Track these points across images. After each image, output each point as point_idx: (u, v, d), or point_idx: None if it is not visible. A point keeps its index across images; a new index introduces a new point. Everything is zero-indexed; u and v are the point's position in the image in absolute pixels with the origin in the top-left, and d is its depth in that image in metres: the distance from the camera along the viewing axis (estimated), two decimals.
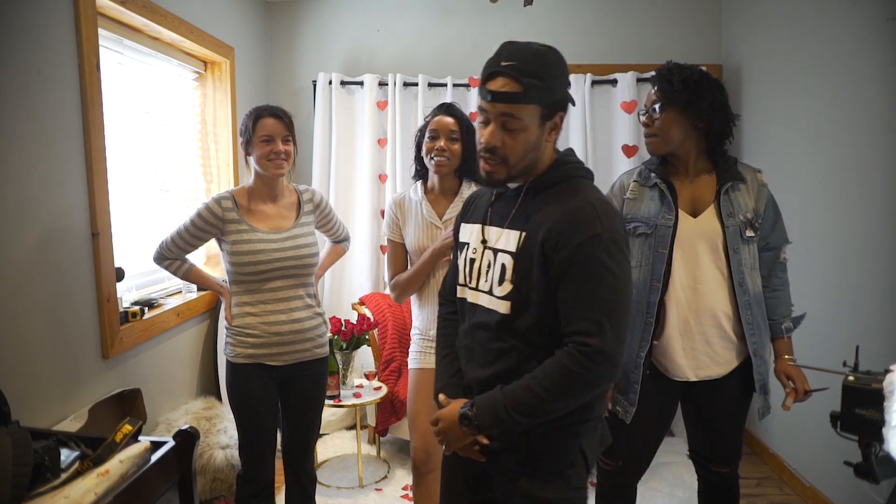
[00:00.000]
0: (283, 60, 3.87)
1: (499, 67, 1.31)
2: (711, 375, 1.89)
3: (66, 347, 1.95)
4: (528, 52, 1.32)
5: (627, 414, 1.93)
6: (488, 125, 1.35)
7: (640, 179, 1.96)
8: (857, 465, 1.34)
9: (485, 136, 1.36)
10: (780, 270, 1.96)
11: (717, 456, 2.00)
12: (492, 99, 1.33)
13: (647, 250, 1.89)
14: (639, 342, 1.90)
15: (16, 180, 1.75)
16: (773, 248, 1.95)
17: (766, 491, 3.03)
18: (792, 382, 1.90)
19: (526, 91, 1.30)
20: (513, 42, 1.35)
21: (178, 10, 2.68)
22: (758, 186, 1.90)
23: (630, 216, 1.93)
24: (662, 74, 1.87)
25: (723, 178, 1.88)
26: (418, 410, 2.15)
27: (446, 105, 2.20)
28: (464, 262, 1.50)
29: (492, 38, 4.07)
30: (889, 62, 2.34)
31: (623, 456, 1.99)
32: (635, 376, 1.91)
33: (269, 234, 2.11)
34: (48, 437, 1.40)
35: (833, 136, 2.69)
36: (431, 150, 2.13)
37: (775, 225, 1.94)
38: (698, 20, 3.78)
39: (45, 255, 1.87)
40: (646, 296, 1.89)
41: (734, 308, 1.86)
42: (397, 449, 3.48)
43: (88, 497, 1.29)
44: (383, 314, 3.44)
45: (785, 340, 1.95)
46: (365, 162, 3.76)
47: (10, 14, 1.74)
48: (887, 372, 1.25)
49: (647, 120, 1.89)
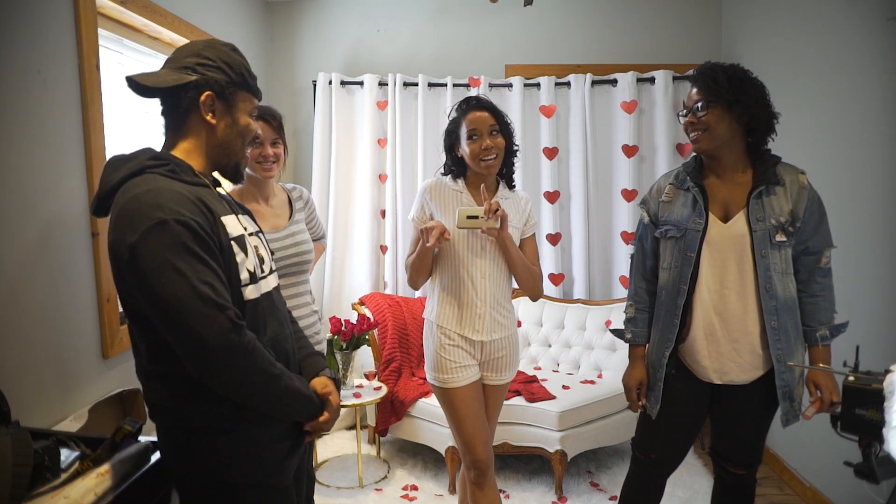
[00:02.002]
0: (282, 60, 3.87)
1: None
2: (735, 381, 1.89)
3: (66, 347, 1.95)
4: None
5: (653, 410, 1.99)
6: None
7: (676, 182, 1.97)
8: (858, 466, 1.34)
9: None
10: (820, 275, 1.88)
11: (736, 458, 2.00)
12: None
13: (676, 253, 1.91)
14: (665, 342, 1.94)
15: (16, 180, 1.75)
16: (815, 253, 1.87)
17: (766, 491, 3.03)
18: (819, 392, 1.83)
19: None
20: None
21: (178, 10, 2.67)
22: (798, 188, 1.85)
23: (663, 219, 1.95)
24: (706, 73, 1.85)
25: (757, 180, 1.85)
26: (475, 427, 2.09)
27: (474, 99, 2.13)
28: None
29: (492, 38, 4.12)
30: (889, 62, 2.34)
31: (654, 449, 2.05)
32: (659, 374, 1.97)
33: (270, 233, 2.11)
34: (48, 437, 1.40)
35: (833, 135, 2.69)
36: (478, 151, 2.04)
37: (818, 228, 1.87)
38: (698, 20, 3.78)
39: (45, 255, 1.86)
40: (674, 297, 1.91)
41: (760, 314, 1.84)
42: (397, 449, 3.48)
43: (88, 497, 1.30)
44: (383, 314, 3.44)
45: (819, 349, 1.88)
46: (365, 162, 3.76)
47: (10, 14, 1.74)
48: (887, 372, 1.25)
49: (692, 118, 1.86)
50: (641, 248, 2.05)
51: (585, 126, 3.69)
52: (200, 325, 1.18)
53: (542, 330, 3.65)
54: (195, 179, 1.32)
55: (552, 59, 3.82)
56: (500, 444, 2.97)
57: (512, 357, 2.19)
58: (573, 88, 3.70)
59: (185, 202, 1.23)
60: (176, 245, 1.19)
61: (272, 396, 1.31)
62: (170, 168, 1.29)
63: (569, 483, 3.07)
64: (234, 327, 1.21)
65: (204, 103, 1.33)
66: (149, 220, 1.18)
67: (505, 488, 3.04)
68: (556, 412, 2.92)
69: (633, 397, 2.04)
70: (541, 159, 3.75)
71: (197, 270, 1.19)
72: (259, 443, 1.34)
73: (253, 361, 1.24)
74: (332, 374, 1.54)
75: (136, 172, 1.27)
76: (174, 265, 1.18)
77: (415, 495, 3.00)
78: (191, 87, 1.32)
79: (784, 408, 1.88)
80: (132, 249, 1.18)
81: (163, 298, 1.18)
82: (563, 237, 3.79)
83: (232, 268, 1.30)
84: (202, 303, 1.18)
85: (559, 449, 2.92)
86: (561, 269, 3.78)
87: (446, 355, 2.10)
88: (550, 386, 3.15)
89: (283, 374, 1.32)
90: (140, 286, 1.20)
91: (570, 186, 3.77)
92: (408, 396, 3.16)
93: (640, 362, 2.05)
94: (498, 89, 3.74)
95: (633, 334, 2.06)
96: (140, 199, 1.21)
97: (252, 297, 1.34)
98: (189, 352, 1.20)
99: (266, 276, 1.42)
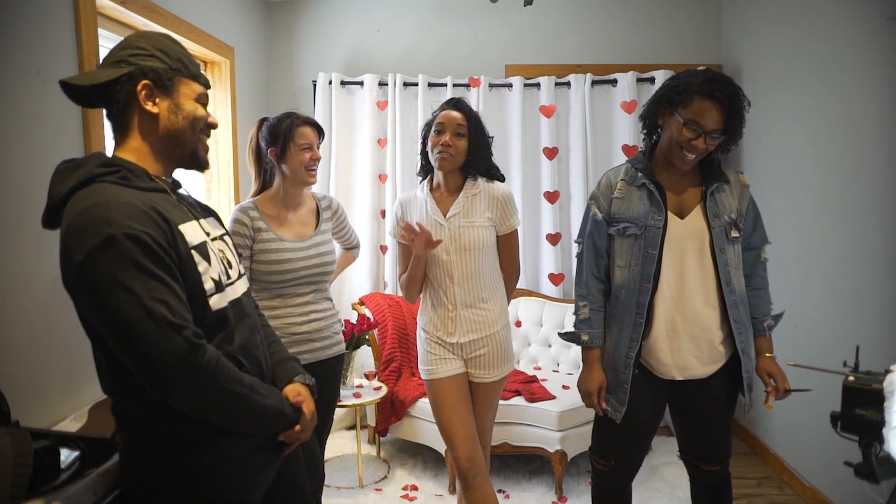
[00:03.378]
0: (283, 60, 3.87)
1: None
2: (696, 375, 1.91)
3: (66, 347, 1.95)
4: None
5: (618, 413, 1.94)
6: None
7: (628, 178, 1.95)
8: (858, 466, 1.34)
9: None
10: (760, 269, 1.99)
11: (706, 455, 2.01)
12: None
13: (636, 251, 1.89)
14: (628, 342, 1.91)
15: (16, 180, 1.75)
16: (755, 248, 1.97)
17: (766, 491, 3.03)
18: (773, 381, 1.91)
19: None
20: None
21: (178, 10, 2.67)
22: (740, 187, 1.93)
23: (619, 216, 1.93)
24: (734, 101, 1.79)
25: (708, 178, 1.89)
26: (451, 420, 2.11)
27: (455, 100, 2.17)
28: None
29: (492, 38, 4.12)
30: (889, 62, 2.34)
31: (615, 455, 2.01)
32: (625, 376, 1.92)
33: (295, 242, 2.15)
34: (48, 437, 1.40)
35: (833, 135, 2.69)
36: (436, 144, 2.08)
37: (756, 225, 1.96)
38: (698, 20, 3.78)
39: (45, 255, 1.86)
40: (635, 296, 1.89)
41: (721, 308, 1.88)
42: (397, 449, 3.48)
43: (88, 497, 1.29)
44: (383, 314, 3.44)
45: (767, 338, 1.97)
46: (365, 162, 3.76)
47: (10, 14, 1.74)
48: (887, 372, 1.25)
49: (703, 143, 1.80)
50: (593, 245, 1.98)
51: (585, 126, 3.69)
52: (154, 347, 1.11)
53: (542, 330, 3.65)
54: (150, 185, 1.24)
55: (552, 59, 3.82)
56: (500, 444, 2.97)
57: (496, 355, 2.16)
58: (573, 88, 3.70)
59: (136, 214, 1.15)
60: (125, 262, 1.11)
61: (240, 416, 1.25)
62: (121, 175, 1.21)
63: (569, 483, 3.07)
64: (190, 348, 1.14)
65: (141, 93, 1.24)
66: (95, 237, 1.10)
67: (505, 488, 3.04)
68: (556, 412, 2.92)
69: (594, 402, 1.97)
70: (541, 159, 3.75)
71: (150, 288, 1.12)
72: (235, 457, 1.29)
73: (215, 382, 1.18)
74: (305, 379, 1.48)
75: (86, 182, 1.19)
76: (124, 284, 1.10)
77: (415, 495, 3.00)
78: (125, 78, 1.23)
79: (747, 398, 1.94)
80: (80, 269, 1.11)
81: (114, 320, 1.11)
82: (563, 237, 3.79)
83: (194, 279, 1.23)
84: (154, 324, 1.11)
85: (559, 449, 2.92)
86: (561, 269, 3.78)
87: (428, 349, 2.18)
88: (550, 386, 3.15)
89: (249, 393, 1.25)
90: (91, 307, 1.14)
91: (570, 186, 3.77)
92: (408, 396, 3.16)
93: (597, 365, 1.97)
94: (498, 89, 3.74)
95: (591, 336, 1.97)
96: (87, 213, 1.13)
97: (219, 306, 1.27)
98: (145, 375, 1.14)
99: (233, 282, 1.36)
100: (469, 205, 2.12)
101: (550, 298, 3.71)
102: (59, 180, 1.22)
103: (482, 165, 2.15)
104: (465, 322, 2.13)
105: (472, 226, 2.10)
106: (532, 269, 3.82)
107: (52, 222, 1.23)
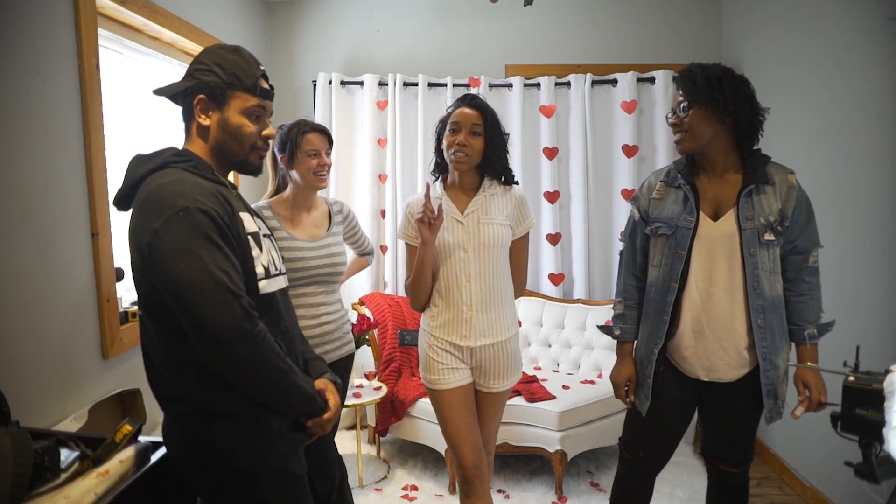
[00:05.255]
0: (282, 60, 3.87)
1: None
2: (722, 378, 1.90)
3: (66, 347, 1.95)
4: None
5: (643, 406, 2.00)
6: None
7: (667, 179, 1.97)
8: (858, 466, 1.34)
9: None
10: (807, 275, 1.90)
11: (726, 456, 2.01)
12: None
13: (667, 251, 1.92)
14: (653, 339, 1.95)
15: (16, 180, 1.75)
16: (802, 252, 1.89)
17: (766, 491, 3.03)
18: (808, 391, 1.85)
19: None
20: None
21: (178, 10, 2.67)
22: (787, 188, 1.85)
23: (654, 216, 1.96)
24: (685, 75, 1.86)
25: (747, 179, 1.86)
26: (459, 429, 2.06)
27: (470, 96, 2.11)
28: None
29: (492, 38, 4.12)
30: (889, 62, 2.34)
31: (643, 447, 2.05)
32: (648, 371, 1.97)
33: (307, 241, 2.20)
34: (48, 437, 1.40)
35: (833, 135, 2.69)
36: (452, 144, 2.02)
37: (806, 228, 1.88)
38: (698, 20, 3.78)
39: (45, 255, 1.86)
40: (663, 295, 1.92)
41: (747, 312, 1.85)
42: (397, 449, 3.48)
43: (88, 497, 1.30)
44: (383, 314, 3.44)
45: (808, 347, 1.90)
46: (365, 162, 3.76)
47: (10, 14, 1.74)
48: (887, 372, 1.25)
49: (676, 120, 1.87)
50: (632, 244, 2.05)
51: (585, 126, 3.69)
52: (214, 309, 1.21)
53: (542, 330, 3.65)
54: (214, 177, 1.38)
55: (552, 59, 3.82)
56: (500, 445, 2.97)
57: (507, 366, 2.11)
58: (573, 88, 3.69)
59: (206, 194, 1.29)
60: (197, 232, 1.23)
61: (278, 390, 1.33)
62: (193, 164, 1.36)
63: (569, 483, 3.07)
64: (246, 315, 1.24)
65: (196, 107, 1.38)
66: (172, 208, 1.23)
67: (505, 488, 3.04)
68: (556, 412, 2.92)
69: (622, 394, 2.04)
70: (541, 159, 3.75)
71: (215, 258, 1.24)
72: (275, 430, 1.37)
73: (261, 352, 1.27)
74: (333, 377, 1.56)
75: (161, 166, 1.33)
76: (193, 251, 1.22)
77: (415, 495, 3.00)
78: (188, 92, 1.38)
79: (768, 405, 1.89)
80: (155, 233, 1.23)
81: (180, 281, 1.21)
82: (563, 237, 3.79)
83: (248, 261, 1.35)
84: (217, 288, 1.22)
85: (559, 449, 2.92)
86: (561, 269, 3.78)
87: (435, 356, 2.08)
88: (550, 386, 3.15)
89: (291, 370, 1.34)
90: (159, 269, 1.24)
91: (570, 186, 3.77)
92: (408, 396, 3.16)
93: (628, 359, 2.05)
94: (498, 89, 3.74)
95: (622, 331, 2.05)
96: (165, 187, 1.27)
97: (267, 290, 1.39)
98: (201, 335, 1.23)
99: (277, 276, 1.46)
100: (487, 203, 2.07)
101: (550, 298, 3.72)
102: (137, 164, 1.36)
103: (498, 164, 2.09)
104: (479, 325, 2.05)
105: (491, 223, 2.05)
106: (532, 269, 3.81)
107: (124, 203, 1.37)
